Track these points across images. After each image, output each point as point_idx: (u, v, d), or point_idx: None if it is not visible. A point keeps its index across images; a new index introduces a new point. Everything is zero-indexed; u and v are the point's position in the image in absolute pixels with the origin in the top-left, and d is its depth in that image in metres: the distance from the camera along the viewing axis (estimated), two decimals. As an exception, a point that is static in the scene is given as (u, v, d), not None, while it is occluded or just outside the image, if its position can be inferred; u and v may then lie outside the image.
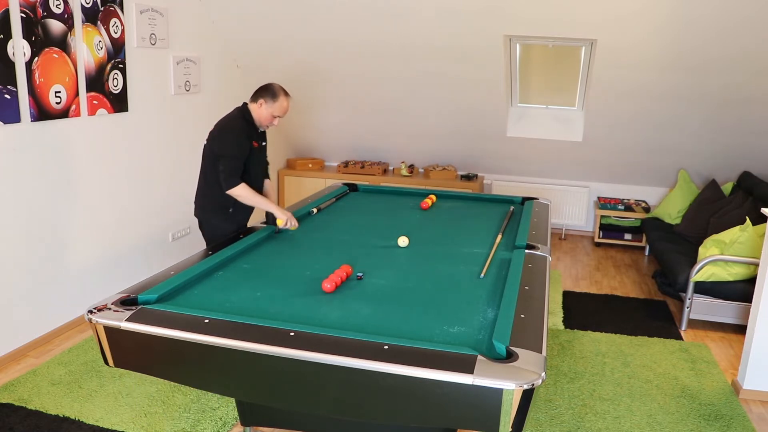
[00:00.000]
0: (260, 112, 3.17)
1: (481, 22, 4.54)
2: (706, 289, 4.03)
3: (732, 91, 4.69)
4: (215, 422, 2.87)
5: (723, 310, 4.05)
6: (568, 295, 4.65)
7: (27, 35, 3.31)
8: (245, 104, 3.23)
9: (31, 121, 3.42)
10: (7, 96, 3.25)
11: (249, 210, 3.31)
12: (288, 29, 4.98)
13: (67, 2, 3.55)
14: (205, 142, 3.24)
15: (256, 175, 3.30)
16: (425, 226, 3.34)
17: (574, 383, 3.33)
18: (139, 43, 4.14)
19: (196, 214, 3.33)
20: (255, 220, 3.41)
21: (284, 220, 3.11)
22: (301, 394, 1.83)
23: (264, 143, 3.34)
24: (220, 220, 3.22)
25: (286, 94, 3.19)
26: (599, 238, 5.97)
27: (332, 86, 5.58)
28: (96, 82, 3.84)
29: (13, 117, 3.31)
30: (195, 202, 3.33)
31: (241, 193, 3.09)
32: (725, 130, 5.13)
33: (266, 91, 3.15)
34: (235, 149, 3.10)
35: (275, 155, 6.29)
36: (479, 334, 2.00)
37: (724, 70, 4.51)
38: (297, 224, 3.18)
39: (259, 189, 3.33)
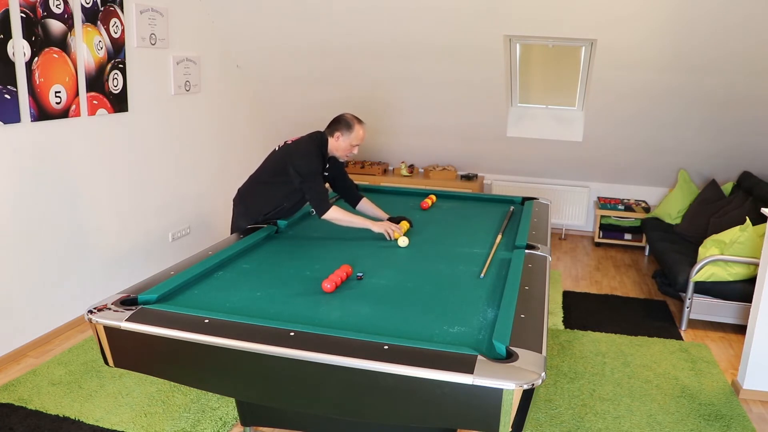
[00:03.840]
0: (338, 144, 3.17)
1: (481, 22, 4.54)
2: (706, 289, 4.03)
3: (732, 91, 4.69)
4: (215, 422, 2.87)
5: (723, 310, 4.05)
6: (568, 295, 4.65)
7: (27, 35, 3.31)
8: (322, 134, 3.21)
9: (31, 121, 3.42)
10: (7, 96, 3.25)
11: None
12: (288, 29, 4.98)
13: (67, 2, 3.55)
14: (276, 149, 3.24)
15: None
16: (425, 226, 3.34)
17: (574, 383, 3.33)
18: (139, 43, 4.14)
19: (234, 201, 3.36)
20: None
21: (385, 234, 3.06)
22: (301, 394, 1.83)
23: (326, 174, 3.32)
24: (248, 223, 3.23)
25: (360, 122, 3.18)
26: (599, 238, 5.97)
27: (332, 86, 5.58)
28: (96, 82, 3.84)
29: (13, 117, 3.31)
30: (238, 193, 3.35)
31: (336, 215, 3.06)
32: (725, 130, 5.13)
33: (340, 124, 3.15)
34: (319, 168, 3.11)
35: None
36: (479, 334, 2.00)
37: (724, 70, 4.51)
38: (398, 229, 3.08)
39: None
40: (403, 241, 2.96)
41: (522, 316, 2.05)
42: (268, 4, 4.74)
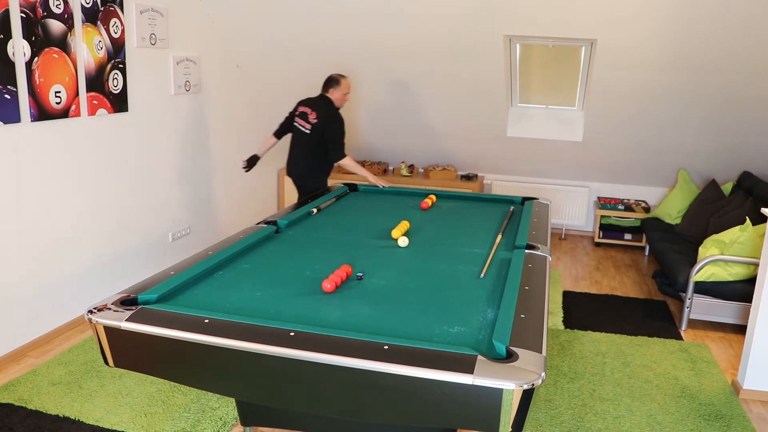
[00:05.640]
0: (335, 97, 4.37)
1: (481, 22, 4.54)
2: (706, 289, 4.03)
3: (732, 91, 4.69)
4: (215, 422, 2.87)
5: (723, 310, 4.05)
6: (568, 295, 4.65)
7: (27, 35, 3.31)
8: (326, 95, 4.37)
9: (31, 121, 3.42)
10: (7, 96, 3.25)
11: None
12: (288, 29, 4.98)
13: (67, 2, 3.55)
14: (309, 130, 4.34)
15: None
16: (425, 226, 3.34)
17: (574, 383, 3.33)
18: (139, 43, 4.14)
19: (298, 180, 4.47)
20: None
21: (378, 184, 4.33)
22: (300, 394, 1.83)
23: None
24: (323, 179, 4.46)
25: (343, 76, 4.39)
26: (599, 238, 5.97)
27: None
28: (96, 82, 3.84)
29: (13, 117, 3.31)
30: (296, 173, 4.48)
31: (349, 162, 4.35)
32: (725, 130, 5.13)
33: (331, 82, 4.37)
34: (344, 133, 4.34)
35: (276, 155, 6.29)
36: (479, 334, 2.00)
37: (724, 70, 4.51)
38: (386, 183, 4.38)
39: None
40: (403, 241, 2.96)
41: (522, 316, 2.06)
42: (268, 4, 4.74)
